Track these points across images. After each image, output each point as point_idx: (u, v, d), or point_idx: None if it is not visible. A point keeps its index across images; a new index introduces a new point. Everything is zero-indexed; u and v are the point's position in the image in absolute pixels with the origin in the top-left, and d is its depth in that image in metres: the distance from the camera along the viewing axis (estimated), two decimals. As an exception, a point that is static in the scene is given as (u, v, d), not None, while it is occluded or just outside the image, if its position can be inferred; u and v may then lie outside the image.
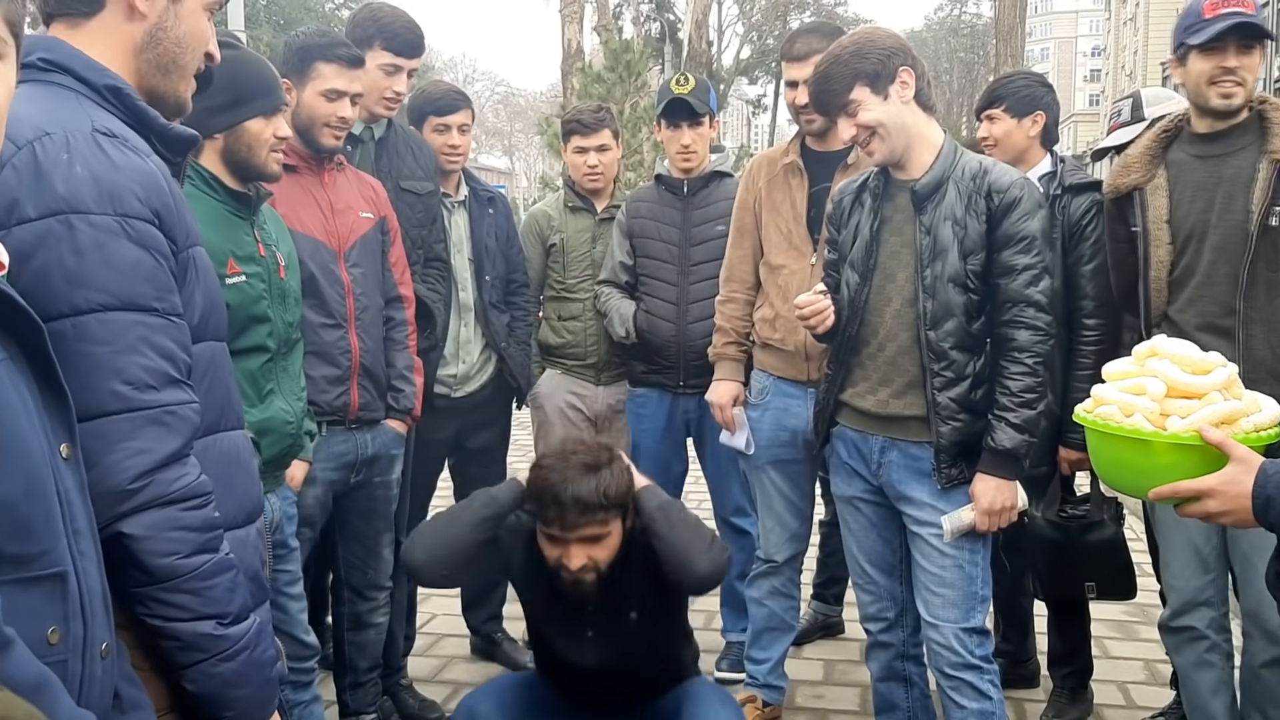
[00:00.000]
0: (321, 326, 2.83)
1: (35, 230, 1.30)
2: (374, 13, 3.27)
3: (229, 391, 1.57)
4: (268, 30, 31.48)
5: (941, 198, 2.59)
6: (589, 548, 2.51)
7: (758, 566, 3.47)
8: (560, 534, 2.51)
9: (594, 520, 2.49)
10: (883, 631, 2.91)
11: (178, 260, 1.43)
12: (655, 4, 30.87)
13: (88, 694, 1.17)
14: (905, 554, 2.81)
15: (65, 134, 1.35)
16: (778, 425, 3.32)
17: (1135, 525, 4.57)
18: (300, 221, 2.83)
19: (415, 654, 3.82)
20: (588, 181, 3.93)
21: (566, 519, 2.48)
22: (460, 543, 2.61)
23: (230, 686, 1.42)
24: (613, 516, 2.52)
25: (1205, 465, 1.69)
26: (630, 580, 2.61)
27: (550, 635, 2.76)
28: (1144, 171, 2.81)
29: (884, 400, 2.68)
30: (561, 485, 2.47)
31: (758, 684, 3.46)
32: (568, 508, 2.46)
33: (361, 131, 3.32)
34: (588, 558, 2.51)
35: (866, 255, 2.69)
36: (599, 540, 2.52)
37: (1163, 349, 1.87)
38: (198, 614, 1.37)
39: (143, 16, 1.50)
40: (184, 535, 1.35)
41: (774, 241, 3.31)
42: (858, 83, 2.55)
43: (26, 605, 1.08)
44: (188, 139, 1.55)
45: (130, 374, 1.33)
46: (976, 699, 2.65)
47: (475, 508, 2.65)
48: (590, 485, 2.47)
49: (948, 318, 2.57)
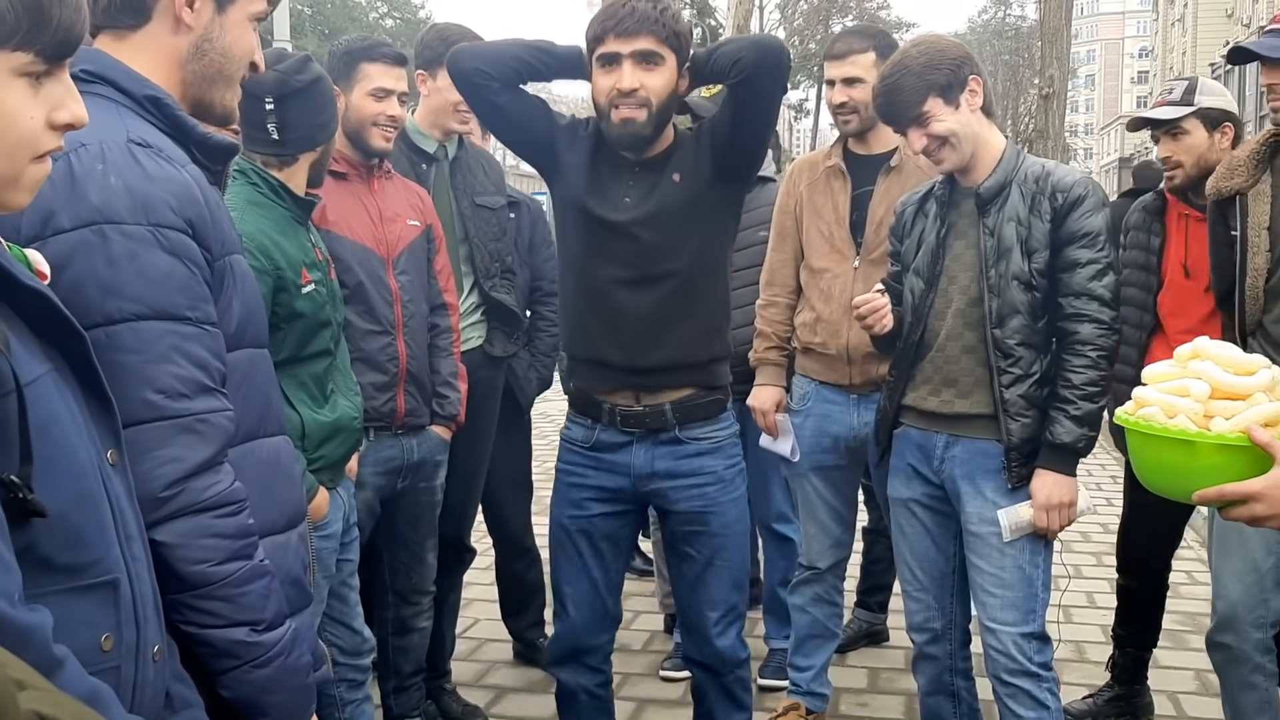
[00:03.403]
0: (369, 333, 2.86)
1: (70, 241, 1.32)
2: (441, 32, 3.33)
3: (269, 397, 1.58)
4: (313, 40, 31.88)
5: (1005, 200, 2.60)
6: (642, 71, 2.46)
7: (800, 574, 3.45)
8: (616, 45, 2.45)
9: (650, 31, 2.44)
10: (929, 643, 2.87)
11: (214, 269, 1.44)
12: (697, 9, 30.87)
13: (140, 698, 1.18)
14: (959, 564, 2.78)
15: (100, 145, 1.37)
16: (820, 431, 3.31)
17: (1188, 533, 4.50)
18: (350, 229, 2.87)
19: (458, 658, 3.84)
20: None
21: (624, 25, 2.44)
22: (509, 51, 2.57)
23: (264, 693, 1.42)
24: (669, 43, 2.48)
25: (1252, 467, 1.66)
26: (678, 153, 2.57)
27: (587, 201, 2.59)
28: (1248, 176, 2.75)
29: (949, 400, 2.68)
30: (623, 2, 2.46)
31: (801, 692, 3.45)
32: (625, 15, 2.43)
33: (435, 150, 3.39)
34: (640, 84, 2.45)
35: (933, 262, 2.71)
36: (653, 62, 2.46)
37: (1205, 350, 1.84)
38: (230, 620, 1.37)
39: (189, 28, 1.52)
40: (216, 543, 1.36)
41: (816, 245, 3.31)
42: (930, 94, 2.55)
43: (80, 614, 1.10)
44: (227, 147, 1.57)
45: (162, 383, 1.34)
46: (1034, 708, 2.60)
47: (531, 40, 2.65)
48: (650, 4, 2.46)
49: (1013, 315, 2.58)
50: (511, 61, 2.55)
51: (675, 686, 3.80)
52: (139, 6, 1.50)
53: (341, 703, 2.78)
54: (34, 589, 1.02)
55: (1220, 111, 3.19)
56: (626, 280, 2.55)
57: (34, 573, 1.03)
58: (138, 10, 1.50)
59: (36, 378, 1.05)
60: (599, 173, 2.59)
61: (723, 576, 2.66)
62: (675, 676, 3.83)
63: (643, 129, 2.48)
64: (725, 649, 2.68)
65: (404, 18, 45.42)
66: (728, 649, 2.68)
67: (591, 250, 2.59)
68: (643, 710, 3.65)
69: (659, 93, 2.47)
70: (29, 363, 1.05)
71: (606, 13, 2.48)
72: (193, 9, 1.52)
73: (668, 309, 2.55)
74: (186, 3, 1.51)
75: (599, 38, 2.48)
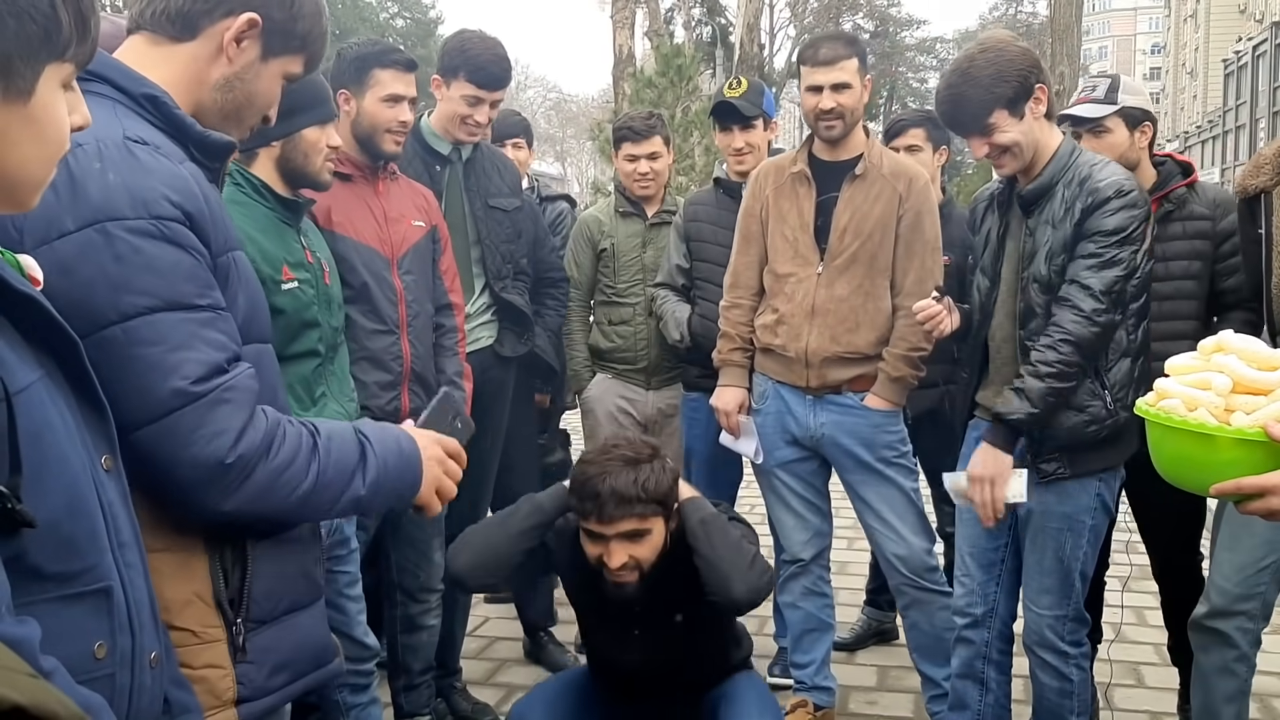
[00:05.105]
0: (374, 333, 2.86)
1: (76, 242, 1.33)
2: (462, 44, 3.32)
3: (275, 392, 1.59)
4: (323, 40, 31.85)
5: (1048, 202, 2.62)
6: (629, 545, 2.49)
7: (785, 570, 3.44)
8: (599, 529, 2.49)
9: (632, 514, 2.46)
10: (967, 627, 2.94)
11: (216, 264, 1.45)
12: (706, 8, 30.85)
13: (137, 704, 1.17)
14: (1010, 554, 2.87)
15: (97, 143, 1.37)
16: (780, 428, 3.33)
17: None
18: (355, 229, 2.87)
19: (468, 656, 3.84)
20: (638, 188, 3.94)
21: (604, 511, 2.46)
22: (505, 552, 2.62)
23: (394, 477, 1.55)
24: (652, 513, 2.50)
25: (1270, 462, 1.66)
26: (675, 583, 2.59)
27: (598, 634, 2.77)
28: (1274, 174, 2.71)
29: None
30: (600, 478, 2.46)
31: (805, 688, 3.44)
32: (605, 500, 2.44)
33: (449, 152, 3.39)
34: (628, 556, 2.49)
35: (994, 260, 2.76)
36: (639, 538, 2.50)
37: (1229, 344, 1.83)
38: (344, 488, 1.47)
39: (228, 62, 1.53)
40: (291, 472, 1.42)
41: (780, 250, 3.30)
42: (997, 108, 2.55)
43: (72, 622, 1.09)
44: (225, 145, 1.57)
45: (186, 370, 1.35)
46: (1058, 679, 2.79)
47: (520, 516, 2.65)
48: (629, 479, 2.45)
49: (1032, 317, 2.62)
50: (514, 558, 2.65)
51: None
52: (189, 23, 1.51)
53: (346, 707, 2.79)
54: (25, 598, 1.02)
55: (1140, 111, 3.17)
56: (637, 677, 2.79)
57: (25, 581, 1.03)
58: (186, 26, 1.51)
59: (27, 385, 1.05)
60: (605, 610, 2.70)
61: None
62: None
63: (636, 589, 2.56)
64: None
65: (414, 18, 45.49)
66: None
67: (600, 659, 2.90)
68: None
69: (649, 557, 2.55)
70: (19, 370, 1.04)
71: (585, 490, 2.49)
72: (239, 46, 1.52)
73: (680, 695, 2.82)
74: (236, 39, 1.52)
75: (582, 515, 2.54)
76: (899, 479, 3.27)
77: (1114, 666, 3.52)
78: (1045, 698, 2.82)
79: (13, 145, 1.04)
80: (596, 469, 2.48)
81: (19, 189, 1.08)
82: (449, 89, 3.28)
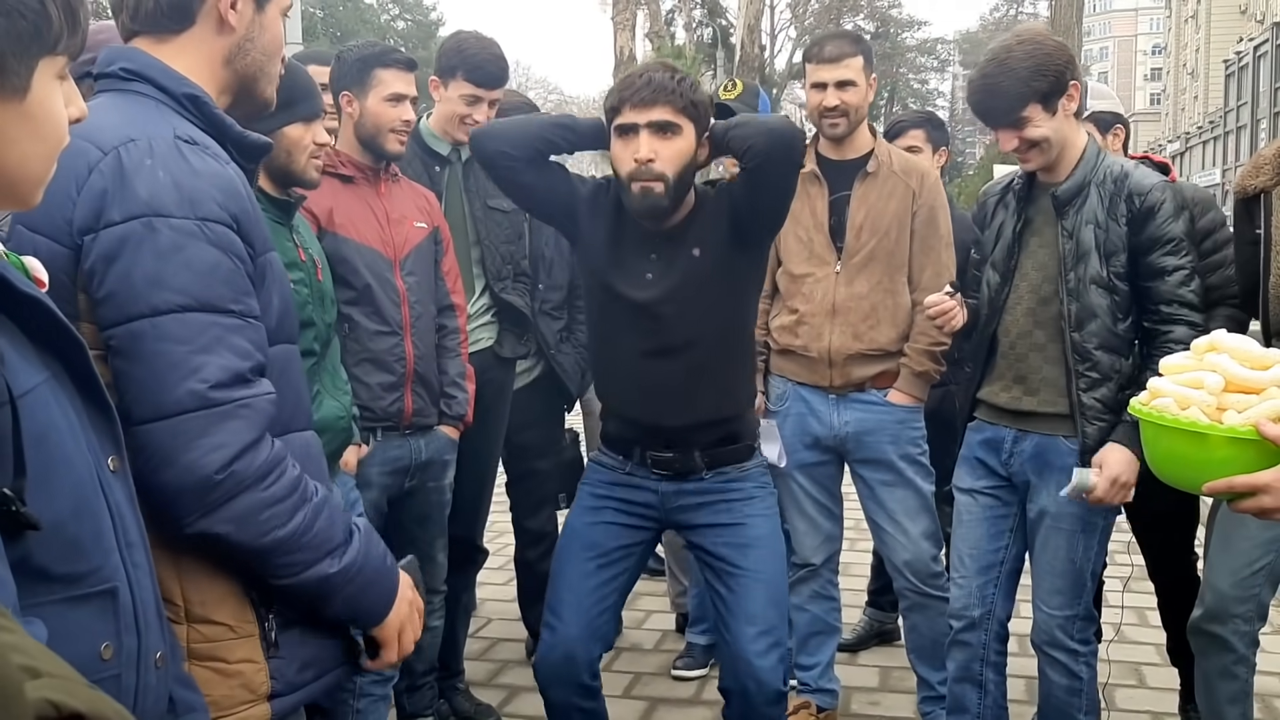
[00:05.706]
0: (377, 334, 2.87)
1: (119, 233, 1.35)
2: (459, 44, 3.33)
3: (300, 392, 1.60)
4: (325, 42, 31.95)
5: (1083, 202, 2.61)
6: (658, 141, 2.45)
7: (795, 573, 3.43)
8: (632, 116, 2.46)
9: (667, 101, 2.44)
10: (964, 630, 2.92)
11: (255, 264, 1.46)
12: (707, 9, 30.85)
13: (142, 705, 1.18)
14: (1010, 557, 2.86)
15: (148, 140, 1.39)
16: (801, 430, 3.32)
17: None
18: (357, 231, 2.88)
19: (470, 657, 3.84)
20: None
21: (640, 94, 2.44)
22: (533, 131, 2.58)
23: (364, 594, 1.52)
24: (686, 111, 2.47)
25: (1261, 460, 1.67)
26: (698, 222, 2.57)
27: (610, 277, 2.62)
28: (1273, 174, 2.69)
29: (1017, 397, 2.73)
30: (639, 74, 2.49)
31: (809, 690, 3.44)
32: (641, 86, 2.44)
33: (449, 153, 3.40)
34: (656, 153, 2.45)
35: (1008, 256, 2.74)
36: (670, 133, 2.46)
37: (1222, 343, 1.84)
38: (315, 559, 1.44)
39: (232, 29, 1.53)
40: (275, 511, 1.40)
41: (794, 251, 3.30)
42: (1032, 101, 2.54)
43: (78, 623, 1.10)
44: (262, 146, 1.59)
45: (207, 373, 1.36)
46: (1068, 677, 2.78)
47: (551, 116, 2.67)
48: (668, 75, 2.48)
49: (1091, 319, 2.60)
50: (535, 141, 2.56)
51: (687, 686, 3.79)
52: (183, 10, 1.51)
53: (361, 695, 2.78)
54: (31, 599, 1.02)
55: (1111, 114, 3.17)
56: (649, 351, 2.56)
57: (31, 583, 1.03)
58: (182, 14, 1.51)
59: (33, 387, 1.05)
60: (621, 247, 2.60)
61: (756, 589, 2.54)
62: (687, 676, 3.82)
63: (660, 200, 2.47)
64: (764, 670, 2.49)
65: (415, 20, 45.55)
66: (766, 671, 2.49)
67: (614, 322, 2.62)
68: (654, 710, 3.64)
69: (676, 163, 2.47)
70: (25, 372, 1.05)
71: (624, 83, 2.50)
72: (235, 9, 1.53)
73: (691, 376, 2.56)
74: (230, 4, 1.52)
75: (616, 108, 2.49)
76: (918, 481, 3.28)
77: (1115, 666, 3.52)
78: (1054, 696, 2.82)
79: (12, 143, 1.05)
80: (638, 70, 2.52)
81: (20, 186, 1.08)
82: (447, 89, 3.29)
